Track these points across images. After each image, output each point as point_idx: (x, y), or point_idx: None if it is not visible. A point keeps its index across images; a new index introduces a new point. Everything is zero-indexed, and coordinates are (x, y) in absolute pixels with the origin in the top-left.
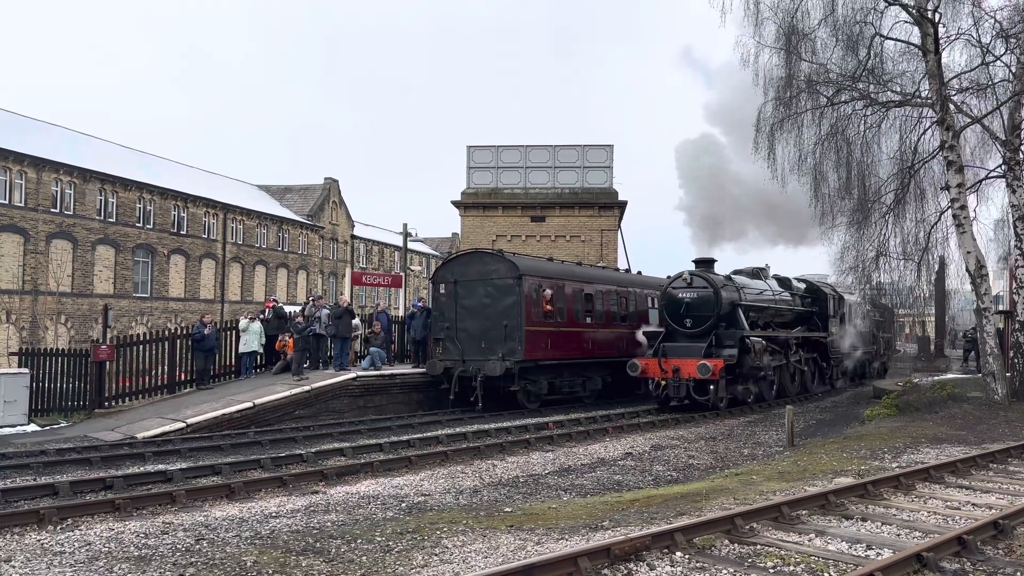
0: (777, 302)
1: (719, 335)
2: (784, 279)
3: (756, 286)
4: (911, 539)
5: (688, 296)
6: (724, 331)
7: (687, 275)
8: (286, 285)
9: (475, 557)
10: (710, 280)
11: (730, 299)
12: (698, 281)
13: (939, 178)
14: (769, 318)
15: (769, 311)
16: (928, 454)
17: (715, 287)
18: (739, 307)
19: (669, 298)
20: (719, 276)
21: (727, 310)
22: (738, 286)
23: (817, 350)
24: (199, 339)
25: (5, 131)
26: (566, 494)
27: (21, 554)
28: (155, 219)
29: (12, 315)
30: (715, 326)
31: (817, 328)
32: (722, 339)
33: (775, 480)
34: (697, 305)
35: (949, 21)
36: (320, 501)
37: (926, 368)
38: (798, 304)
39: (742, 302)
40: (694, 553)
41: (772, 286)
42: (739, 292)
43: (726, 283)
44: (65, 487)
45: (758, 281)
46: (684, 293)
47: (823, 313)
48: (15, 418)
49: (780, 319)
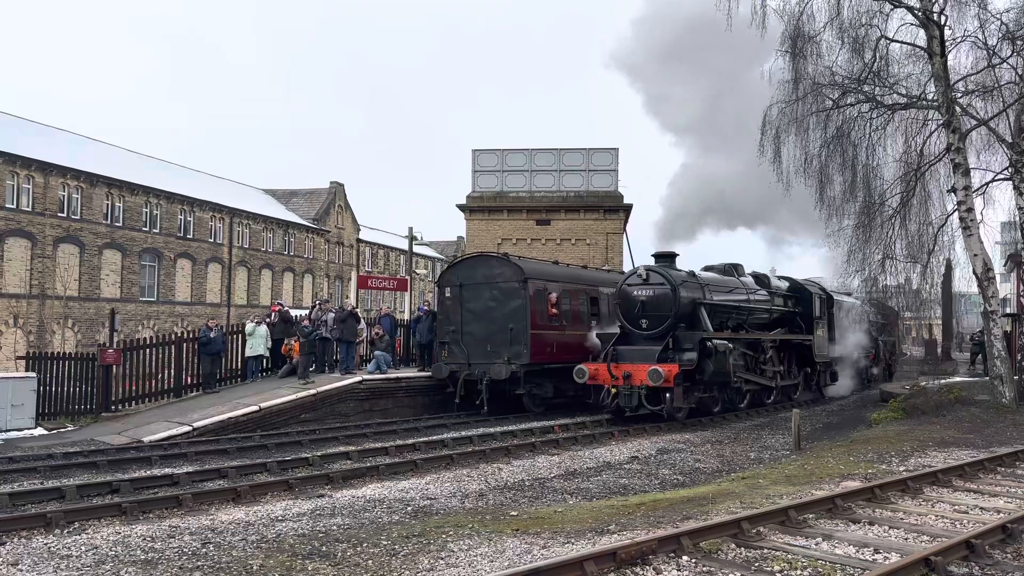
0: (751, 302)
1: (678, 337)
2: (762, 276)
3: (726, 283)
4: (919, 543)
5: (644, 294)
6: (683, 333)
7: (643, 271)
8: (292, 289)
9: (481, 561)
10: (668, 276)
11: (691, 297)
12: (655, 277)
13: (945, 181)
14: (741, 319)
15: (741, 311)
16: (936, 458)
17: (673, 284)
18: (702, 306)
19: (623, 296)
20: (681, 272)
21: (687, 309)
22: (702, 283)
23: (801, 354)
24: (205, 343)
25: (13, 136)
26: (572, 498)
27: (28, 557)
28: (162, 223)
29: (19, 319)
30: (673, 327)
31: (800, 330)
32: (681, 342)
33: (782, 484)
34: (653, 304)
35: (955, 23)
36: (326, 505)
37: (933, 371)
38: (779, 304)
39: (706, 301)
40: (700, 557)
41: (747, 284)
42: (703, 290)
43: (687, 280)
44: (72, 491)
45: (729, 278)
46: (639, 291)
47: (807, 314)
48: (22, 422)
49: (756, 320)
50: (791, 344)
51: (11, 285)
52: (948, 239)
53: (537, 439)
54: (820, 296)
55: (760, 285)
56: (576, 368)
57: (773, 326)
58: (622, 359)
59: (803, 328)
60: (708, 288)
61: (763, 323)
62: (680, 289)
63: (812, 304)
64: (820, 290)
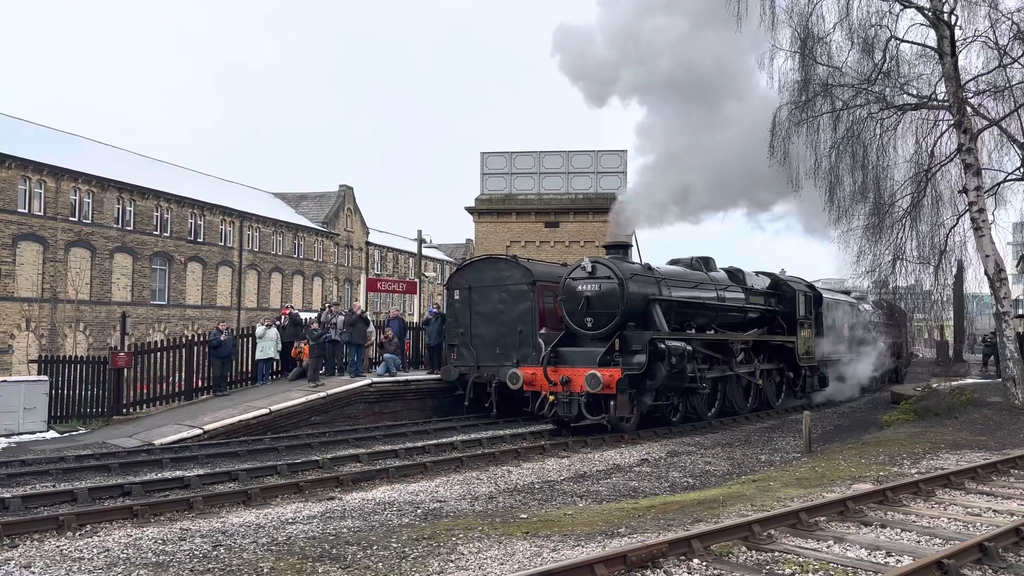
0: (722, 299)
1: (626, 338)
2: (735, 272)
3: (690, 278)
4: (931, 546)
5: (589, 289)
6: (632, 333)
7: (588, 262)
8: (302, 292)
9: (491, 564)
10: (616, 269)
11: (643, 293)
12: (601, 270)
13: (956, 181)
14: (708, 318)
15: (708, 310)
16: (948, 460)
17: (621, 277)
18: (657, 303)
19: (567, 291)
20: (634, 264)
21: (639, 306)
22: (659, 277)
23: (783, 357)
24: (216, 346)
25: (25, 141)
26: (582, 500)
27: (41, 560)
28: (172, 227)
29: (32, 323)
30: (621, 326)
31: (782, 331)
32: (629, 342)
33: (793, 486)
34: (599, 300)
35: (965, 23)
36: (336, 507)
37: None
38: (757, 302)
39: (662, 297)
40: (711, 560)
41: (718, 279)
42: (659, 285)
43: (639, 273)
44: (84, 493)
45: (696, 273)
46: (584, 285)
47: (790, 313)
48: (35, 425)
49: (727, 320)
50: (769, 346)
51: (23, 289)
52: (959, 240)
53: (547, 441)
54: (806, 294)
55: (734, 281)
56: (509, 372)
57: (749, 326)
58: (563, 362)
59: (785, 329)
60: (666, 283)
61: (736, 323)
62: (629, 283)
63: (796, 303)
64: (807, 288)
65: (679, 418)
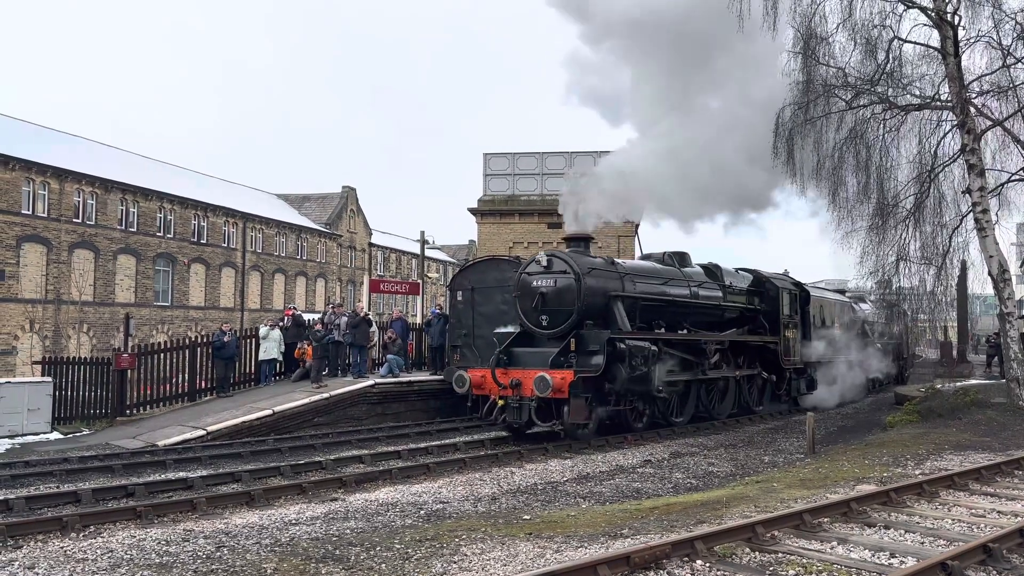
0: (695, 297)
1: (582, 337)
2: (712, 268)
3: (659, 274)
4: (935, 547)
5: (544, 284)
6: (590, 332)
7: (544, 256)
8: (305, 293)
9: (494, 565)
10: (573, 263)
11: (603, 289)
12: (558, 264)
13: (960, 182)
14: (680, 317)
15: (679, 307)
16: (952, 461)
17: (577, 272)
18: (619, 300)
19: (522, 287)
20: (594, 258)
21: (599, 303)
22: (623, 272)
23: (766, 359)
24: (219, 347)
25: (28, 143)
26: (585, 501)
27: (44, 561)
28: (176, 228)
29: (36, 324)
30: (578, 325)
31: (764, 331)
32: (586, 342)
33: (796, 487)
34: (555, 296)
35: (969, 23)
36: (339, 508)
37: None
38: (736, 300)
39: (625, 293)
40: (715, 561)
41: (692, 275)
42: (622, 280)
43: (599, 268)
44: (88, 494)
45: (668, 268)
46: (539, 280)
47: (773, 313)
48: (38, 426)
49: (702, 319)
50: (749, 347)
51: (27, 290)
52: (963, 240)
53: (549, 442)
54: (791, 292)
55: (711, 278)
56: (455, 375)
57: (728, 326)
58: (516, 363)
59: (767, 329)
60: (630, 278)
61: (714, 322)
62: (587, 278)
63: (780, 301)
64: (792, 285)
65: (645, 424)
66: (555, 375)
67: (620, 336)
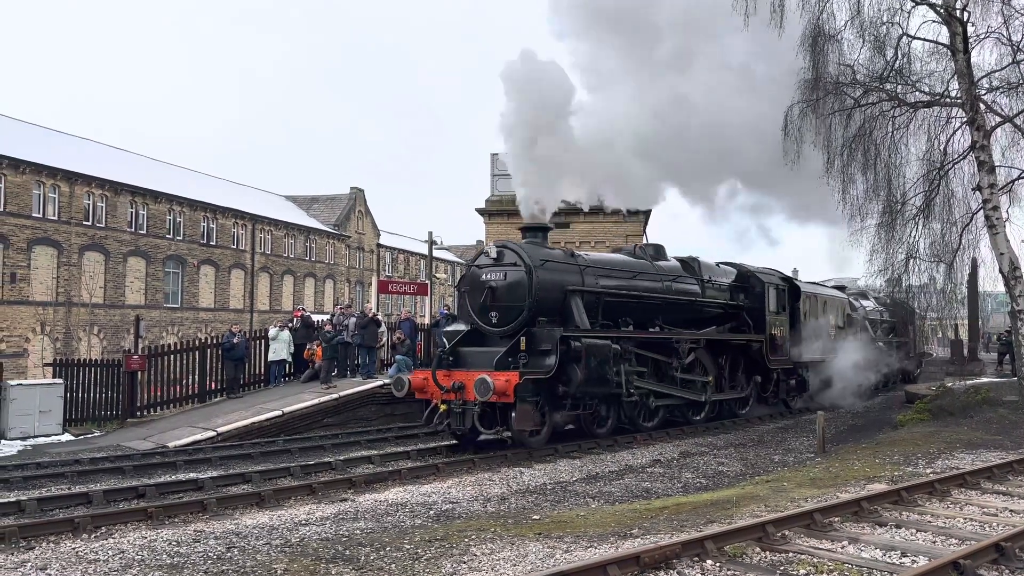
0: (668, 291)
1: (533, 335)
2: (689, 261)
3: (628, 267)
4: (947, 546)
5: (494, 278)
6: (542, 330)
7: (493, 247)
8: (313, 294)
9: (504, 565)
10: (524, 255)
11: (558, 283)
12: (508, 256)
13: (970, 179)
14: (651, 314)
15: (649, 303)
16: (963, 459)
17: (528, 265)
18: (577, 295)
19: (471, 281)
20: (550, 250)
21: (554, 299)
22: (583, 265)
23: (751, 359)
24: (229, 348)
25: (38, 146)
26: (594, 501)
27: (57, 562)
28: (185, 230)
29: (47, 327)
30: (529, 322)
31: (747, 329)
32: (538, 341)
33: (806, 487)
34: (506, 291)
35: (978, 19)
36: (349, 509)
37: (959, 372)
38: (717, 296)
39: (585, 288)
40: (725, 561)
41: (666, 269)
42: (581, 274)
43: (556, 260)
44: (99, 496)
45: (638, 262)
46: (489, 274)
47: (758, 309)
48: (50, 428)
49: (678, 316)
50: (731, 346)
51: (38, 293)
52: (973, 238)
53: (558, 443)
54: (778, 287)
55: (688, 272)
56: (394, 378)
57: (708, 324)
58: (462, 364)
59: (751, 326)
60: (592, 272)
61: (690, 319)
62: (539, 272)
63: (766, 297)
64: (780, 280)
65: (608, 429)
66: (498, 377)
67: (575, 334)
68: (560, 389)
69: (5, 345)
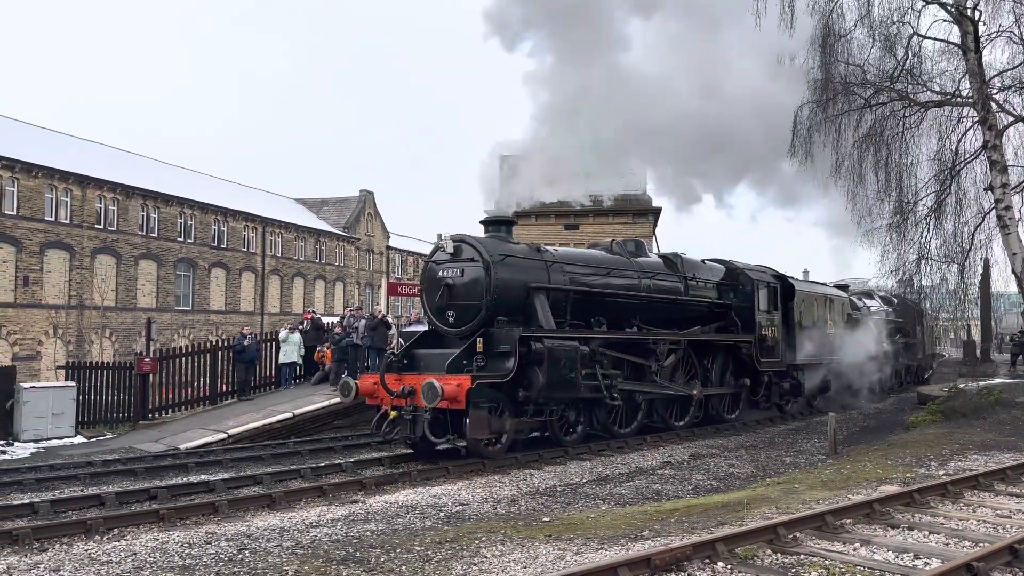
0: (647, 289)
1: (491, 336)
2: (671, 257)
3: (601, 263)
4: (960, 548)
5: (451, 275)
6: (500, 330)
7: (449, 241)
8: (323, 296)
9: (514, 567)
10: (482, 249)
11: (520, 280)
12: (466, 251)
13: (982, 179)
14: (627, 313)
15: (625, 302)
16: (976, 461)
17: (486, 260)
18: (542, 292)
19: (428, 278)
20: (516, 245)
21: (515, 297)
22: (550, 261)
23: (740, 361)
24: (239, 351)
25: (51, 150)
26: (604, 503)
27: (70, 563)
28: (196, 233)
29: (59, 329)
30: (486, 322)
31: (735, 329)
32: (497, 342)
33: (818, 489)
34: (463, 289)
35: (989, 18)
36: (359, 510)
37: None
38: (702, 294)
39: (550, 285)
40: (736, 563)
41: (645, 265)
42: (547, 270)
43: (517, 255)
44: (111, 498)
45: (612, 257)
46: (446, 270)
47: (747, 308)
48: (63, 430)
49: (658, 315)
50: (716, 347)
51: (51, 296)
52: (985, 238)
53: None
54: (770, 286)
55: (670, 269)
56: (341, 382)
57: (692, 323)
58: (416, 367)
59: (739, 326)
60: (559, 268)
61: (671, 319)
62: (498, 268)
63: (755, 295)
64: (772, 278)
65: (579, 436)
66: (449, 381)
67: (536, 334)
68: (520, 394)
69: (18, 348)
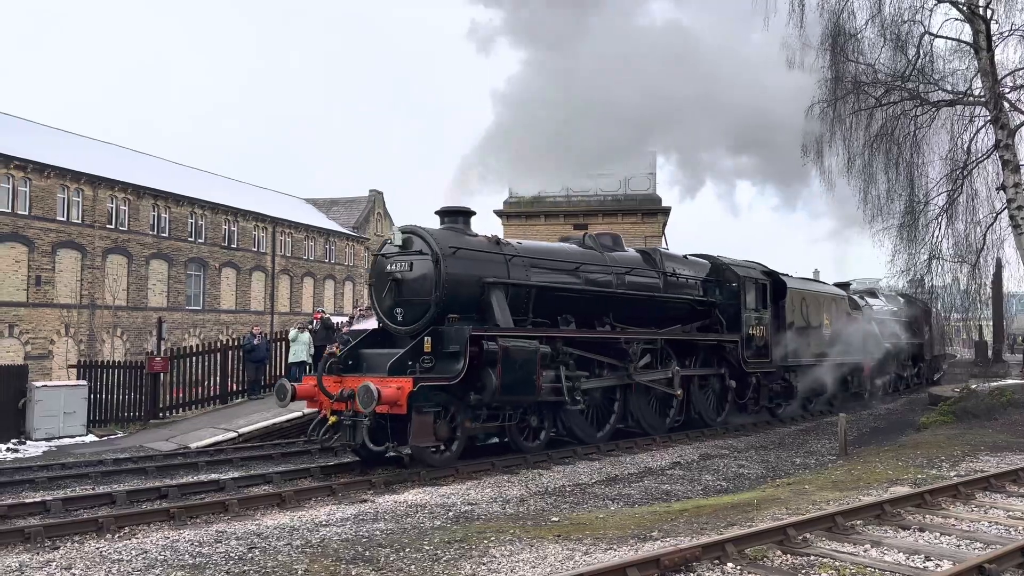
0: (621, 284)
1: (440, 335)
2: (650, 252)
3: (567, 257)
4: (972, 550)
5: (399, 270)
6: (449, 328)
7: (398, 234)
8: (333, 296)
9: (523, 567)
10: (433, 242)
11: (474, 276)
12: (416, 243)
13: (994, 178)
14: (598, 310)
15: (592, 298)
16: (988, 462)
17: (436, 254)
18: (499, 288)
19: (376, 272)
20: (472, 237)
21: (468, 293)
22: (509, 255)
23: (726, 361)
24: (250, 350)
25: (63, 150)
26: (613, 504)
27: (81, 562)
28: (207, 233)
29: (71, 329)
30: (436, 319)
31: (720, 328)
32: (446, 341)
33: (828, 489)
34: (412, 284)
35: (1002, 17)
36: (369, 510)
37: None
38: (684, 291)
39: (509, 280)
40: (745, 564)
41: (622, 260)
42: (506, 264)
43: (470, 249)
44: (122, 496)
45: (584, 252)
46: (394, 264)
47: (732, 306)
48: (74, 429)
49: (632, 313)
50: (699, 346)
51: (62, 296)
52: (997, 238)
53: (578, 445)
54: (758, 283)
55: (648, 264)
56: (277, 384)
57: (672, 322)
58: (360, 368)
59: (724, 324)
60: (521, 262)
61: (649, 317)
62: (449, 262)
63: (742, 293)
64: (762, 275)
65: (542, 443)
66: (388, 384)
67: (489, 333)
68: (472, 397)
69: (31, 347)
